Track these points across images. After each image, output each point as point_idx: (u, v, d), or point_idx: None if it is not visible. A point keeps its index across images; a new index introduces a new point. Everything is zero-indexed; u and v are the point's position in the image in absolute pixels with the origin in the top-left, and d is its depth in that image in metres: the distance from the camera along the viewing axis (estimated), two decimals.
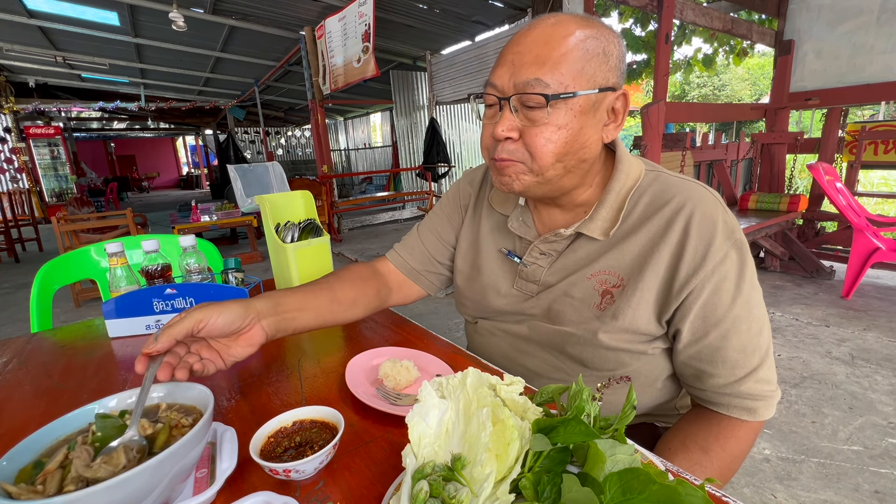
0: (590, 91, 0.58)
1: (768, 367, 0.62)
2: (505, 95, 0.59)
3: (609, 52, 0.58)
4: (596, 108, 0.60)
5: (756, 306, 0.61)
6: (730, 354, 0.61)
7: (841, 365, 2.11)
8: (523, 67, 0.57)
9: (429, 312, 3.11)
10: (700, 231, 0.59)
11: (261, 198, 1.01)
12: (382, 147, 12.08)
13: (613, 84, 0.60)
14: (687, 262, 0.59)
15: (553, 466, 0.37)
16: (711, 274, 0.59)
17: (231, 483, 0.49)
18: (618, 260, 0.64)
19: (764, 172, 3.69)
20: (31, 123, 9.65)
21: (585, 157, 0.62)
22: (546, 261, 0.71)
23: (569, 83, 0.57)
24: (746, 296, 0.60)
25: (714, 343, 0.61)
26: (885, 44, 3.04)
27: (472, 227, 0.84)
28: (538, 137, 0.59)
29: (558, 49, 0.56)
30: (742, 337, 0.60)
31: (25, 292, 4.05)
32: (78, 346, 0.91)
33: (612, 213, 0.65)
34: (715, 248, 0.59)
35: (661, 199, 0.64)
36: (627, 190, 0.65)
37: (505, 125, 0.59)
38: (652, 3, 2.57)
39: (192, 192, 18.01)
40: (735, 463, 0.64)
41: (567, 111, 0.58)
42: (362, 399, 0.61)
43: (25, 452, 0.43)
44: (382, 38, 6.11)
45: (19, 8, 5.44)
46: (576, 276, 0.67)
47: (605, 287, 0.65)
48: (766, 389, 0.62)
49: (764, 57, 14.01)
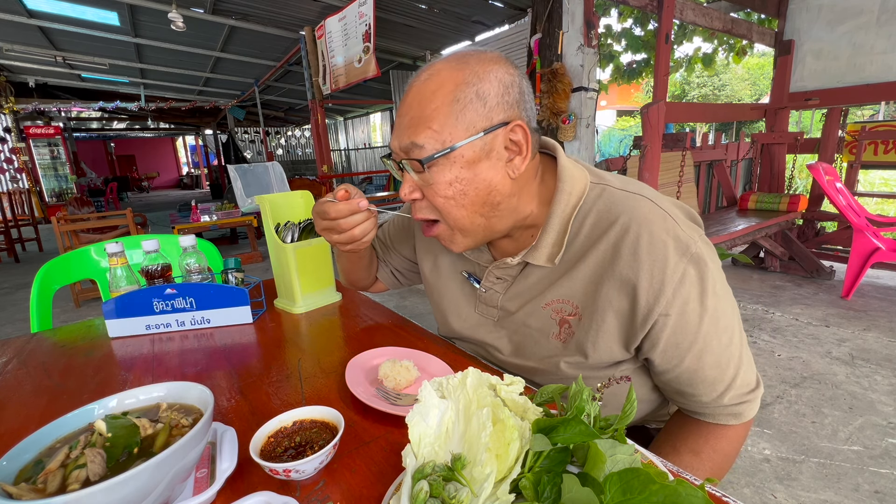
0: (470, 138, 0.55)
1: (746, 370, 0.61)
2: (399, 159, 0.60)
3: (485, 93, 0.55)
4: (488, 151, 0.57)
5: (723, 316, 0.59)
6: (707, 373, 0.60)
7: (841, 365, 2.10)
8: (403, 131, 0.57)
9: (428, 312, 3.11)
10: (651, 255, 0.56)
11: (261, 198, 1.01)
12: (382, 147, 12.07)
13: (500, 120, 0.56)
14: (644, 290, 0.56)
15: (553, 466, 0.37)
16: (673, 298, 0.56)
17: (231, 483, 0.49)
18: (570, 288, 0.62)
19: (764, 172, 3.69)
20: (31, 123, 9.65)
21: (497, 199, 0.59)
22: (502, 286, 0.70)
23: (445, 138, 0.55)
24: (712, 310, 0.57)
25: (690, 367, 0.59)
26: (884, 44, 3.04)
27: (427, 247, 0.83)
28: (436, 197, 0.59)
29: (428, 107, 0.55)
30: (715, 353, 0.59)
31: (25, 292, 4.05)
32: (78, 346, 0.91)
33: (557, 239, 0.62)
34: (670, 271, 0.55)
35: (605, 221, 0.60)
36: (571, 208, 0.62)
37: (406, 188, 0.60)
38: (652, 3, 2.57)
39: (192, 192, 18.01)
40: (727, 462, 0.64)
41: (451, 166, 0.56)
42: (362, 399, 0.61)
43: (25, 452, 0.43)
44: (382, 38, 6.10)
45: (19, 8, 5.44)
46: (531, 305, 0.66)
47: (562, 316, 0.64)
48: (747, 395, 0.62)
49: (764, 57, 14.01)
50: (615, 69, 5.09)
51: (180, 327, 0.96)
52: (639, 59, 4.97)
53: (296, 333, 0.92)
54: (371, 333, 0.90)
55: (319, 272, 1.05)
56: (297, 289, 1.00)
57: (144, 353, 0.86)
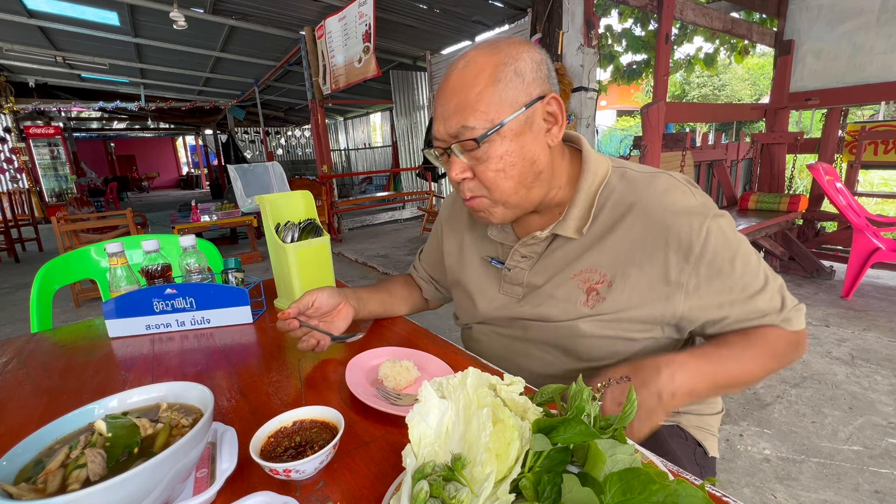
0: (515, 114, 0.61)
1: (784, 290, 0.67)
2: (446, 145, 0.64)
3: (522, 71, 0.61)
4: (530, 123, 0.62)
5: (747, 253, 0.64)
6: (758, 306, 0.65)
7: (841, 365, 2.11)
8: (450, 118, 0.62)
9: (429, 312, 3.09)
10: (677, 220, 0.62)
11: (261, 198, 1.01)
12: (382, 147, 12.08)
13: (538, 94, 0.62)
14: (674, 252, 0.62)
15: (553, 466, 0.37)
16: (701, 255, 0.62)
17: (231, 483, 0.49)
18: (599, 258, 0.67)
19: (764, 172, 3.69)
20: (30, 123, 9.65)
21: (540, 168, 0.65)
22: (527, 263, 0.74)
23: (493, 117, 0.60)
24: (735, 250, 0.63)
25: (739, 313, 0.64)
26: (884, 44, 3.04)
27: (456, 243, 0.89)
28: (487, 172, 0.63)
29: (473, 90, 0.60)
30: (755, 287, 0.64)
31: (25, 292, 4.05)
32: (78, 346, 0.91)
33: (584, 212, 0.68)
34: (695, 231, 0.62)
35: (630, 195, 0.66)
36: (596, 187, 0.68)
37: (455, 169, 0.65)
38: (652, 3, 2.57)
39: (192, 192, 18.01)
40: (777, 353, 0.66)
41: (501, 141, 0.61)
42: (362, 399, 0.61)
43: (25, 452, 0.43)
44: (382, 38, 6.10)
45: (19, 8, 5.44)
46: (559, 276, 0.70)
47: (590, 285, 0.67)
48: (783, 302, 0.66)
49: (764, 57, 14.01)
50: (615, 69, 5.08)
51: (180, 327, 0.96)
52: (639, 60, 4.97)
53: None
54: (371, 333, 0.90)
55: (319, 272, 1.05)
56: (297, 289, 1.00)
57: (144, 353, 0.86)
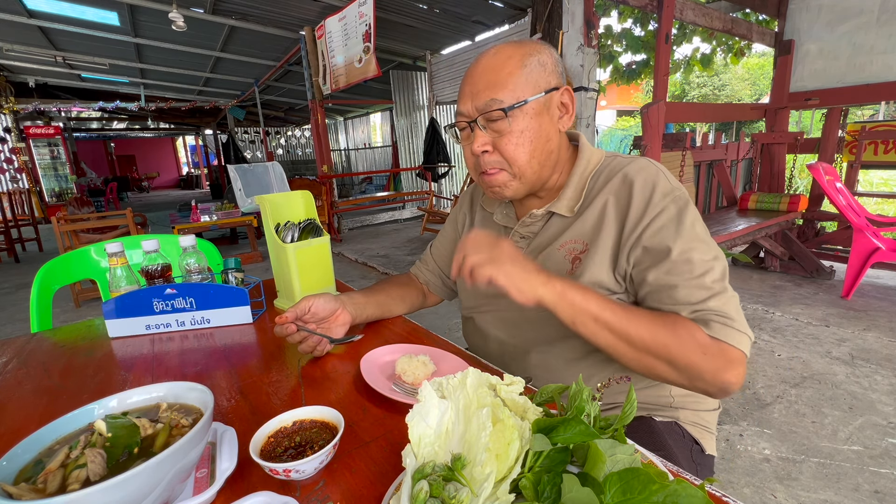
0: (537, 95, 0.70)
1: (723, 303, 0.61)
2: (472, 118, 0.72)
3: (544, 62, 0.71)
4: (547, 107, 0.72)
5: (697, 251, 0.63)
6: (670, 293, 0.63)
7: (841, 365, 2.10)
8: (480, 93, 0.70)
9: (429, 312, 3.11)
10: (642, 191, 0.69)
11: (261, 198, 1.01)
12: (382, 147, 12.06)
13: (555, 84, 0.72)
14: (631, 218, 0.68)
15: (553, 466, 0.37)
16: (648, 224, 0.66)
17: (231, 483, 0.49)
18: (581, 228, 0.74)
19: (764, 172, 3.69)
20: (31, 123, 9.64)
21: (552, 147, 0.74)
22: (525, 242, 0.82)
23: (519, 94, 0.69)
24: (685, 241, 0.64)
25: (655, 282, 0.65)
26: (885, 44, 3.04)
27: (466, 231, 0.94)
28: (508, 144, 0.71)
29: (503, 71, 0.69)
30: (685, 278, 0.62)
31: (25, 292, 4.05)
32: (78, 346, 0.91)
33: (577, 192, 0.76)
34: (653, 203, 0.67)
35: (612, 172, 0.74)
36: (590, 171, 0.77)
37: (479, 141, 0.72)
38: (652, 3, 2.57)
39: (192, 192, 18.00)
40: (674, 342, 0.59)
41: (524, 116, 0.70)
42: (384, 393, 0.63)
43: (25, 452, 0.43)
44: (382, 38, 6.10)
45: (19, 8, 5.44)
46: (548, 249, 0.77)
47: (574, 254, 0.74)
48: (718, 313, 0.60)
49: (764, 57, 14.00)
50: (615, 69, 5.08)
51: (180, 327, 0.96)
52: (638, 60, 4.97)
53: None
54: (371, 333, 0.90)
55: (319, 272, 1.05)
56: (297, 289, 1.00)
57: (144, 353, 0.86)
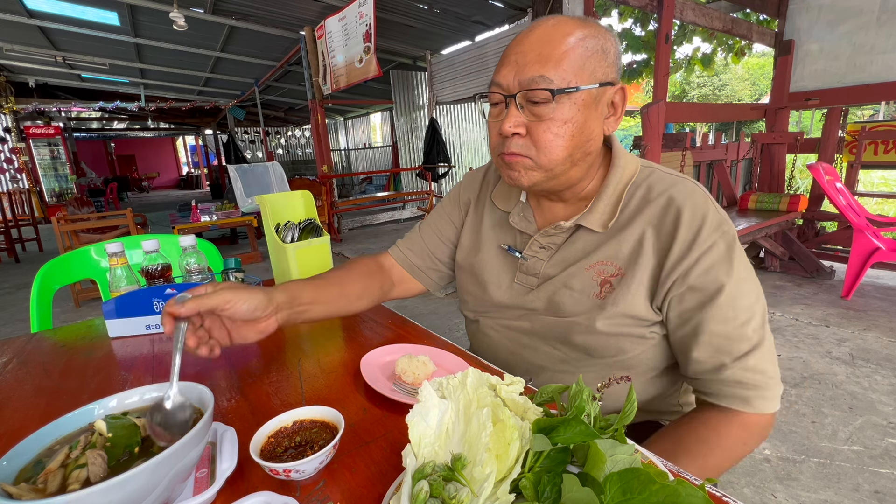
0: (591, 86, 0.60)
1: (761, 359, 0.61)
2: (510, 93, 0.61)
3: (607, 49, 0.62)
4: (597, 102, 0.62)
5: (743, 296, 0.61)
6: (714, 340, 0.61)
7: (841, 365, 2.10)
8: (527, 66, 0.60)
9: (429, 312, 3.10)
10: (690, 223, 0.62)
11: (261, 198, 1.01)
12: (382, 147, 12.06)
13: (612, 79, 0.63)
14: (676, 251, 0.61)
15: (553, 466, 0.37)
16: (696, 262, 0.60)
17: (231, 483, 0.49)
18: (615, 250, 0.66)
19: (764, 172, 3.68)
20: (31, 123, 9.64)
21: (591, 149, 0.65)
22: (546, 254, 0.73)
23: (571, 79, 0.59)
24: (734, 285, 0.60)
25: (700, 327, 0.61)
26: (885, 44, 3.04)
27: (473, 224, 0.86)
28: (546, 133, 0.61)
29: (560, 47, 0.59)
30: (728, 325, 0.60)
31: (25, 292, 4.05)
32: (78, 346, 0.91)
33: (611, 206, 0.68)
34: (702, 239, 0.61)
35: (654, 192, 0.66)
36: (625, 183, 0.68)
37: (512, 121, 0.61)
38: (652, 3, 2.57)
39: (192, 192, 18.00)
40: (728, 456, 0.62)
41: (571, 105, 0.60)
42: (384, 393, 0.62)
43: (25, 452, 0.43)
44: (382, 38, 6.10)
45: (19, 8, 5.44)
46: (575, 267, 0.69)
47: (604, 277, 0.66)
48: (757, 378, 0.60)
49: (764, 57, 14.00)
50: None
51: None
52: (639, 60, 4.97)
53: (296, 333, 0.92)
54: (371, 333, 0.90)
55: (319, 272, 1.05)
56: None
57: (144, 353, 0.86)
